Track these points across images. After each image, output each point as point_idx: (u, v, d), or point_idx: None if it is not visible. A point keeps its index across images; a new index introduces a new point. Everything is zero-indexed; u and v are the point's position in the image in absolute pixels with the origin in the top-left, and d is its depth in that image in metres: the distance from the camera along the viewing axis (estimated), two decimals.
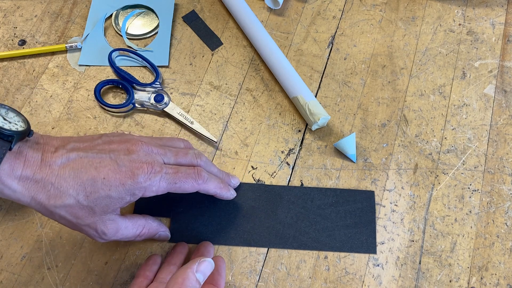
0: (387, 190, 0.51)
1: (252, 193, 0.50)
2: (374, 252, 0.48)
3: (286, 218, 0.49)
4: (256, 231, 0.48)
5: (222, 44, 0.60)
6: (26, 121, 0.38)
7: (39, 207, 0.37)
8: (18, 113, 0.38)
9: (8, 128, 0.36)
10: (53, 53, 0.59)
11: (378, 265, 0.47)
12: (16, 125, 0.37)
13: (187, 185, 0.41)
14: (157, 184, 0.39)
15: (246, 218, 0.49)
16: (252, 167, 0.52)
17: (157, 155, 0.41)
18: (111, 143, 0.41)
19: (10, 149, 0.35)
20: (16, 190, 0.36)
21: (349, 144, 0.51)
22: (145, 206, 0.49)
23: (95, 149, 0.40)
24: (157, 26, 0.61)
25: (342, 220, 0.49)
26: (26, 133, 0.37)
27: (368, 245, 0.48)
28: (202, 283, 0.38)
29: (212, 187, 0.44)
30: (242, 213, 0.49)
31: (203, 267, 0.38)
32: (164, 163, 0.41)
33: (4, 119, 0.37)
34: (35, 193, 0.36)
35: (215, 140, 0.53)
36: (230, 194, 0.47)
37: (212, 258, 0.42)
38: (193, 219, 0.49)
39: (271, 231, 0.48)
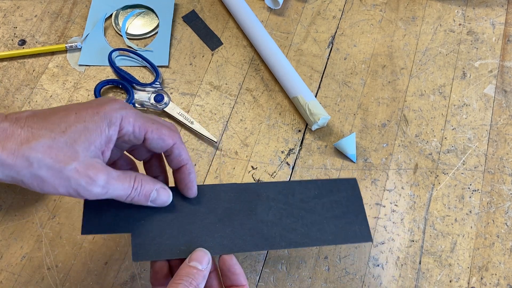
0: (387, 190, 0.51)
1: (225, 194, 0.43)
2: (370, 239, 0.43)
3: (268, 216, 0.43)
4: (237, 235, 0.41)
5: (222, 44, 0.60)
6: None
7: (12, 159, 0.31)
8: None
9: None
10: (53, 53, 0.59)
11: (378, 265, 0.47)
12: None
13: (164, 131, 0.37)
14: (133, 116, 0.36)
15: (223, 222, 0.41)
16: (252, 167, 0.52)
17: None
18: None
19: None
20: None
21: (349, 144, 0.51)
22: (97, 220, 0.40)
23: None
24: (157, 26, 0.61)
25: (330, 212, 0.44)
26: None
27: (362, 233, 0.43)
28: (203, 271, 0.36)
29: (186, 151, 0.40)
30: (218, 217, 0.42)
31: (195, 256, 0.36)
32: None
33: None
34: (5, 141, 0.31)
35: (215, 140, 0.53)
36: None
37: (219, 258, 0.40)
38: (159, 231, 0.40)
39: (254, 232, 0.41)
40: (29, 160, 0.31)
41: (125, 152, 0.41)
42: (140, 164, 0.43)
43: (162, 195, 0.39)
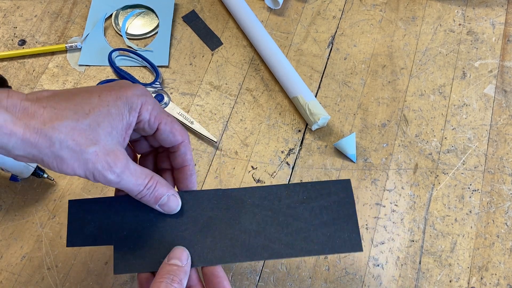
0: (387, 190, 0.51)
1: (208, 202, 0.41)
2: (360, 249, 0.40)
3: (252, 225, 0.41)
4: (217, 246, 0.40)
5: (222, 44, 0.60)
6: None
7: (34, 138, 0.31)
8: None
9: None
10: (53, 53, 0.59)
11: (378, 265, 0.47)
12: None
13: (176, 126, 0.38)
14: (152, 104, 0.36)
15: (204, 233, 0.40)
16: (252, 167, 0.52)
17: None
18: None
19: None
20: (6, 119, 0.31)
21: (349, 144, 0.51)
22: (81, 232, 0.40)
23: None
24: (157, 26, 0.61)
25: (318, 218, 0.41)
26: (4, 80, 0.33)
27: (351, 241, 0.40)
28: (184, 266, 0.36)
29: (191, 152, 0.41)
30: (198, 227, 0.41)
31: (173, 254, 0.37)
32: None
33: None
34: (28, 120, 0.31)
35: (215, 140, 0.53)
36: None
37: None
38: (141, 242, 0.40)
39: (235, 243, 0.40)
40: (52, 140, 0.32)
41: (128, 143, 0.41)
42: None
43: (172, 203, 0.39)
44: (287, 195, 0.42)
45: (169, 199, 0.38)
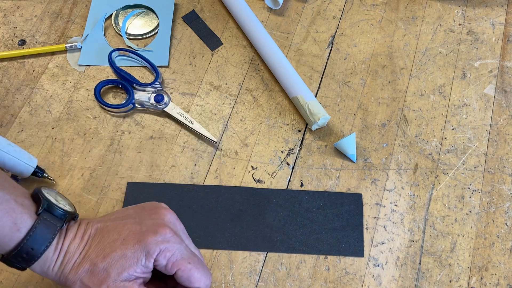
0: (387, 190, 0.51)
1: (240, 197, 0.50)
2: (362, 255, 0.47)
3: (274, 221, 0.49)
4: (243, 235, 0.48)
5: (222, 44, 0.60)
6: (72, 205, 0.42)
7: (57, 279, 0.39)
8: (65, 198, 0.42)
9: (62, 207, 0.39)
10: (53, 53, 0.59)
11: (378, 265, 0.47)
12: (65, 207, 0.40)
13: (196, 274, 0.39)
14: (172, 250, 0.39)
15: (234, 222, 0.48)
16: (252, 167, 0.52)
17: (181, 231, 0.42)
18: (142, 209, 0.42)
19: (61, 227, 0.39)
20: (47, 257, 0.38)
21: (349, 144, 0.51)
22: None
23: (124, 214, 0.42)
24: (157, 26, 0.61)
25: (330, 223, 0.48)
26: (74, 215, 0.41)
27: (355, 248, 0.47)
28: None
29: None
30: (230, 216, 0.49)
31: None
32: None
33: (56, 200, 0.40)
34: (62, 265, 0.38)
35: (215, 140, 0.53)
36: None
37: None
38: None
39: (258, 234, 0.48)
40: (71, 281, 0.38)
41: None
42: None
43: None
44: (306, 200, 0.50)
45: None
